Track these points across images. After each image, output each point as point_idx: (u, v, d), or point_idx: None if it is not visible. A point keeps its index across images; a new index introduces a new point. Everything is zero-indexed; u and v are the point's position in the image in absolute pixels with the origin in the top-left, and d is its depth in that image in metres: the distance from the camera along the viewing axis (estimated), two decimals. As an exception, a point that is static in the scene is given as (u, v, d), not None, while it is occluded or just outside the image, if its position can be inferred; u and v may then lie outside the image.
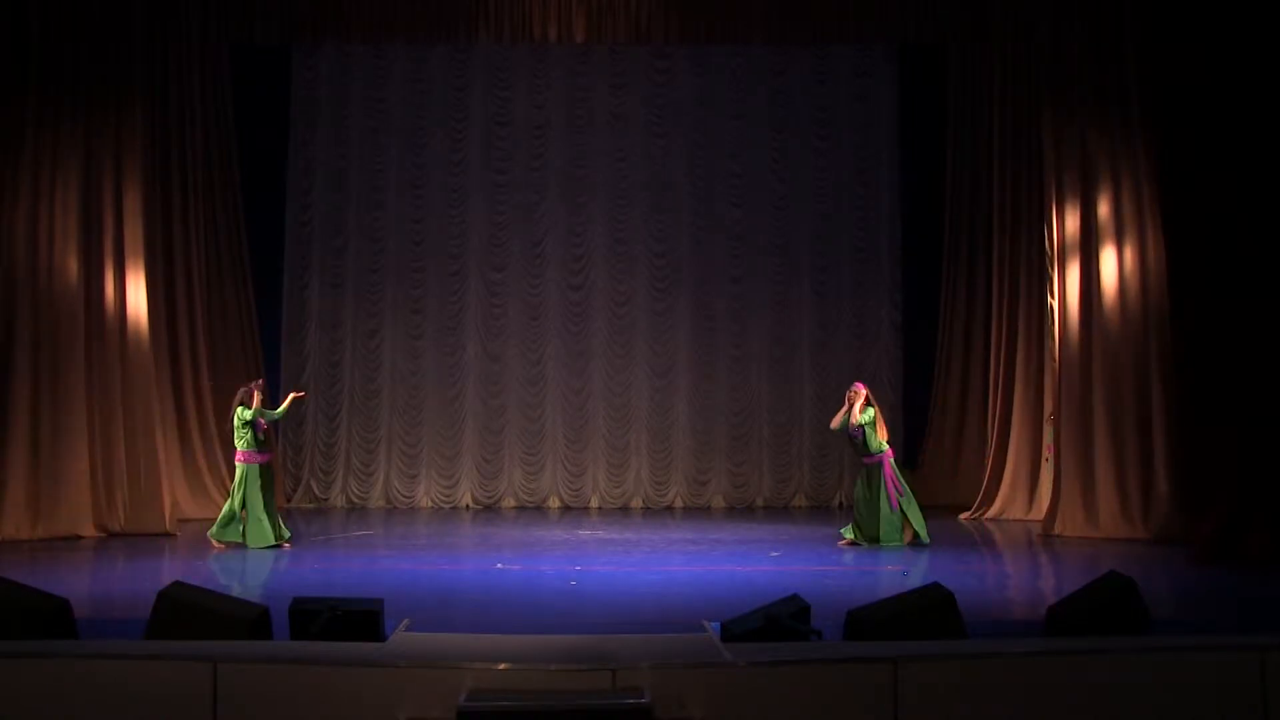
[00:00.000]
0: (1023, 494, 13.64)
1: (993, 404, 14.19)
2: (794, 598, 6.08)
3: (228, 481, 13.79)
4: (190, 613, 5.83)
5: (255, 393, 11.24)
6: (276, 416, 11.55)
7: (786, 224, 15.63)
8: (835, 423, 11.40)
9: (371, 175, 15.56)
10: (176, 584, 6.21)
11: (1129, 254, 11.75)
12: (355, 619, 5.76)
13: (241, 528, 10.96)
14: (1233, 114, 9.98)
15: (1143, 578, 6.35)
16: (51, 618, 5.89)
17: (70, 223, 11.86)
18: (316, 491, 15.33)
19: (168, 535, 11.93)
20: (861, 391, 11.33)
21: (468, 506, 15.27)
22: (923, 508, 11.49)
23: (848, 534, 11.32)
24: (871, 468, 11.25)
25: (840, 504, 15.36)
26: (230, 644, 5.42)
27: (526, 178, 15.61)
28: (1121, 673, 5.14)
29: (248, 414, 11.08)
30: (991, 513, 13.69)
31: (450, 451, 15.39)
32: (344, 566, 10.20)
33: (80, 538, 11.61)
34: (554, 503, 15.44)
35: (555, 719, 4.71)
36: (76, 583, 9.09)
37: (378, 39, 14.93)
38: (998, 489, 13.80)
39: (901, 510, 11.12)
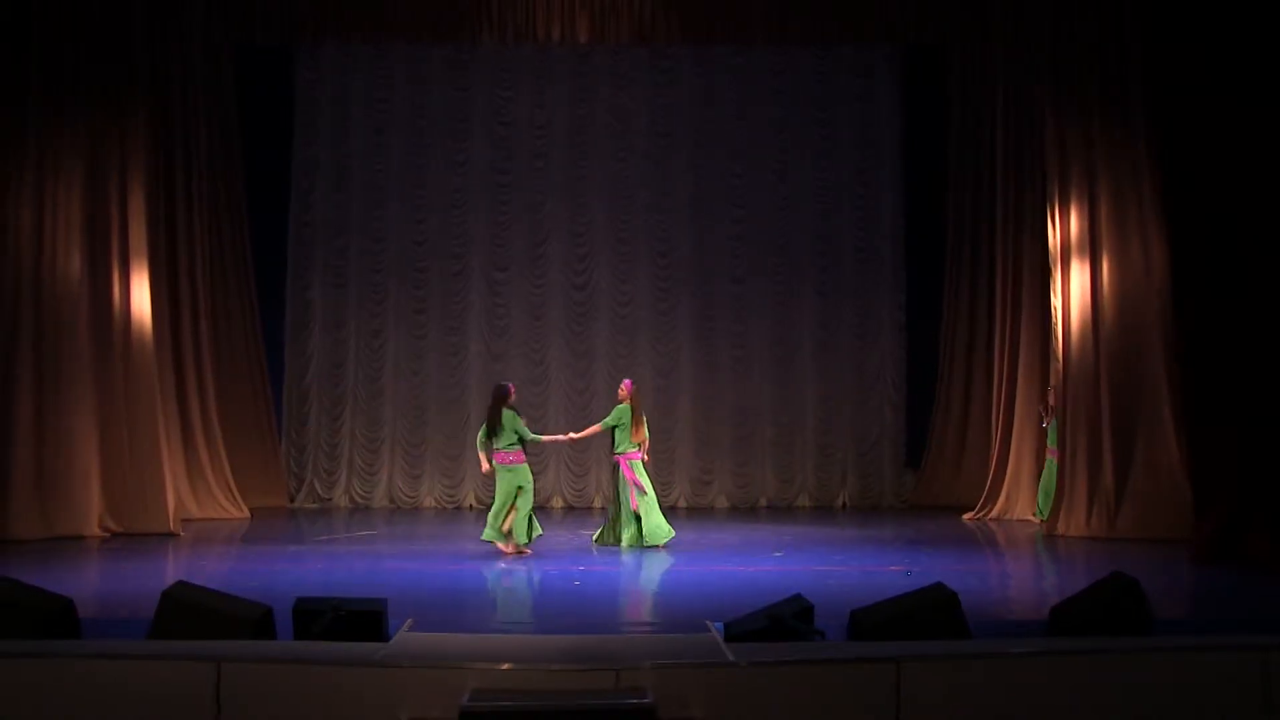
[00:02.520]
0: (1026, 494, 13.62)
1: (996, 404, 14.18)
2: (797, 598, 6.09)
3: (231, 482, 13.80)
4: (194, 612, 5.85)
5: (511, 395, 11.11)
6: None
7: (789, 224, 15.63)
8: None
9: (374, 175, 15.57)
10: (180, 584, 6.23)
11: (1132, 254, 11.73)
12: (358, 619, 5.78)
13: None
14: (1236, 114, 9.96)
15: (1145, 578, 6.34)
16: (56, 617, 5.92)
17: (74, 224, 11.87)
18: (320, 491, 15.33)
19: (171, 535, 11.94)
20: (622, 391, 11.34)
21: (471, 507, 15.26)
22: (930, 507, 11.55)
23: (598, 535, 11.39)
24: (615, 466, 11.33)
25: (844, 505, 15.36)
26: (234, 644, 5.44)
27: (529, 178, 15.62)
28: (1125, 673, 5.15)
29: (519, 420, 10.87)
30: (994, 513, 13.67)
31: (454, 451, 15.39)
32: (347, 566, 10.20)
33: (84, 537, 11.62)
34: (557, 503, 15.44)
35: (558, 719, 4.72)
36: (80, 582, 9.10)
37: (380, 39, 14.94)
38: (1001, 489, 13.78)
39: (638, 512, 11.10)
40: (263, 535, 12.29)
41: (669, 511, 14.78)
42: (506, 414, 10.74)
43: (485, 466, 10.84)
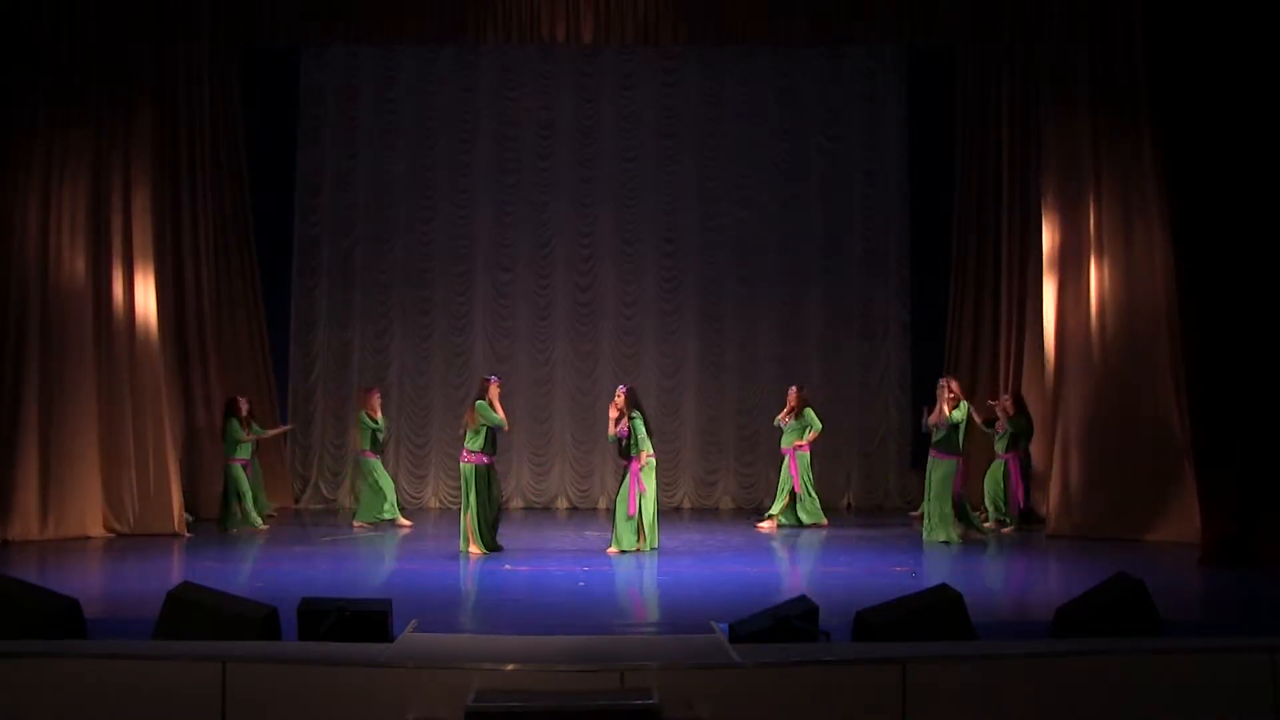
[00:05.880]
0: (1031, 495, 13.57)
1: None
2: (802, 599, 6.08)
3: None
4: (199, 613, 5.85)
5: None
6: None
7: (795, 225, 15.62)
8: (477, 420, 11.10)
9: (380, 176, 15.58)
10: (185, 584, 6.24)
11: (1136, 255, 11.71)
12: (363, 619, 5.78)
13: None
14: (1241, 115, 9.94)
15: (1151, 579, 6.33)
16: (61, 618, 5.93)
17: (80, 223, 11.89)
18: (325, 492, 15.33)
19: (176, 535, 11.95)
20: (493, 388, 11.10)
21: (475, 507, 15.24)
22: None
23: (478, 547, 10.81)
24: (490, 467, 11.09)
25: (848, 505, 15.34)
26: (239, 644, 5.44)
27: (535, 178, 15.62)
28: (1130, 674, 5.14)
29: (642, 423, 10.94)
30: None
31: (458, 452, 15.37)
32: (352, 567, 10.21)
33: (89, 538, 11.63)
34: (562, 503, 15.44)
35: (563, 719, 4.71)
36: (86, 583, 9.11)
37: (386, 40, 14.95)
38: (1006, 490, 13.74)
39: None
40: (268, 536, 12.29)
41: (673, 513, 14.84)
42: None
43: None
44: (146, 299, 12.37)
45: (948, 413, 11.51)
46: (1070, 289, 12.20)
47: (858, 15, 14.43)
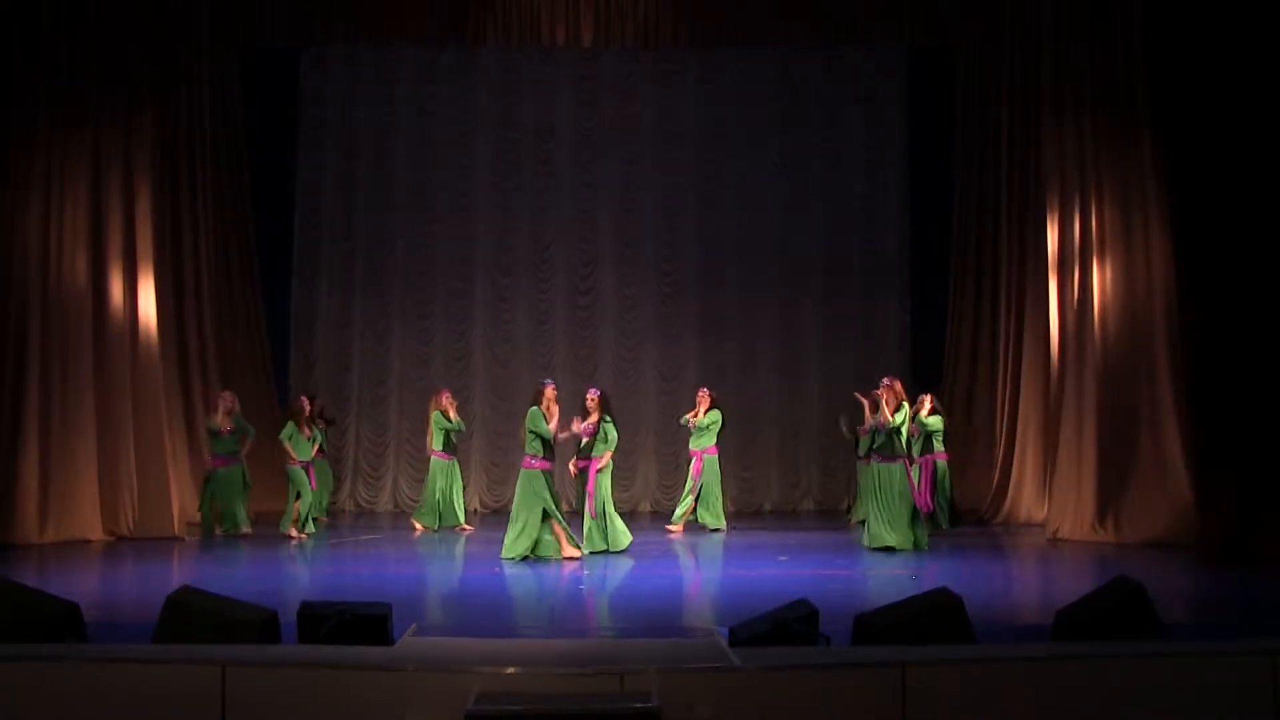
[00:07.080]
0: (1031, 497, 13.58)
1: (1000, 406, 14.14)
2: (802, 602, 6.07)
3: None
4: (199, 616, 5.85)
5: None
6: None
7: (794, 226, 15.62)
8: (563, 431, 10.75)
9: (380, 179, 15.58)
10: (185, 588, 6.22)
11: (1134, 255, 11.71)
12: (363, 623, 5.77)
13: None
14: (1241, 114, 9.93)
15: (1150, 582, 6.32)
16: (61, 621, 5.92)
17: (80, 226, 11.88)
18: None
19: (176, 539, 11.94)
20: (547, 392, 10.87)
21: (476, 510, 15.25)
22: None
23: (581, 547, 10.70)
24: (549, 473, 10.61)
25: (848, 508, 15.31)
26: (238, 648, 5.44)
27: (534, 181, 15.62)
28: (1130, 677, 5.13)
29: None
30: (1000, 516, 13.63)
31: (459, 455, 15.37)
32: (352, 570, 10.21)
33: (89, 541, 11.63)
34: (562, 506, 15.39)
35: (563, 723, 4.71)
36: (86, 587, 9.09)
37: (386, 41, 14.96)
38: (1006, 492, 13.75)
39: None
40: (268, 539, 12.28)
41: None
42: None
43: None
44: (146, 300, 12.36)
45: (889, 416, 11.00)
46: (1070, 289, 12.21)
47: (857, 16, 14.45)
